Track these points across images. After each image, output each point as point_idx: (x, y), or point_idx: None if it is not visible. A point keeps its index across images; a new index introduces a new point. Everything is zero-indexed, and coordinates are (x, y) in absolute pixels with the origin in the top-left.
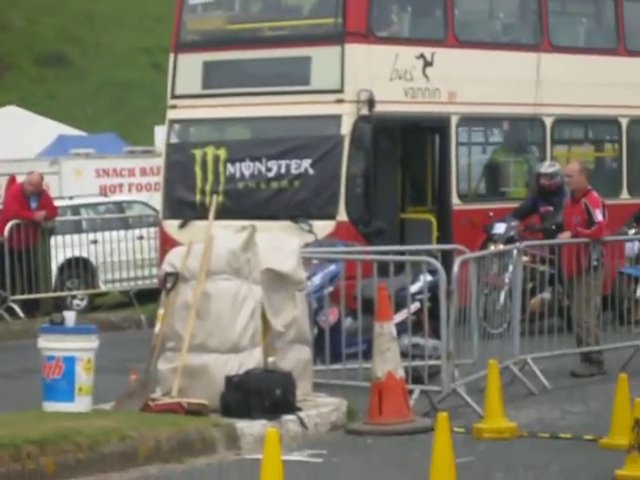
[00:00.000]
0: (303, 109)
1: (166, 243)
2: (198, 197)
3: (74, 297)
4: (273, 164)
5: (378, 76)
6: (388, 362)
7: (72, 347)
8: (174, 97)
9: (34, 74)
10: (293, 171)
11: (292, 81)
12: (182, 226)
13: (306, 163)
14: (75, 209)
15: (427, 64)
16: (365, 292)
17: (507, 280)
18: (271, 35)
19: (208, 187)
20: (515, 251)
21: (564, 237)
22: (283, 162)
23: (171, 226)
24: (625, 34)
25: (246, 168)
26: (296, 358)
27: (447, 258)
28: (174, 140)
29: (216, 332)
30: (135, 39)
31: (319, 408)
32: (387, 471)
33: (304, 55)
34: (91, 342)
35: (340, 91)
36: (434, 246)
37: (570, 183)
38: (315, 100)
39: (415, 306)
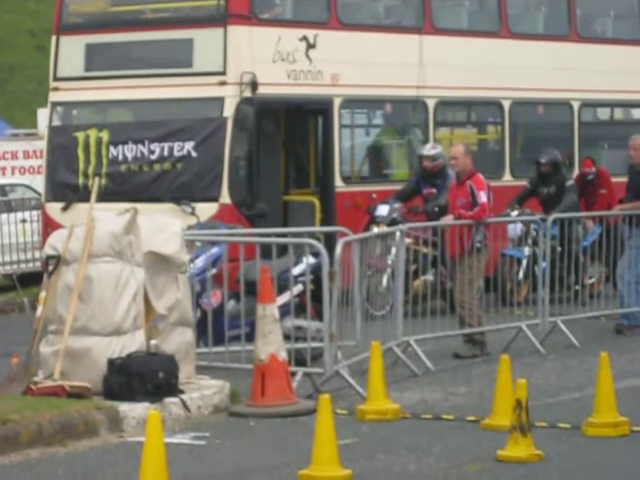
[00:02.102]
0: (186, 91)
1: (49, 226)
2: (81, 180)
3: None
4: (156, 146)
5: (261, 58)
6: (271, 344)
7: None
8: (56, 79)
9: None
10: (176, 154)
11: (175, 63)
12: (65, 209)
13: (189, 145)
14: None
15: (310, 46)
16: (248, 274)
17: (390, 262)
18: (153, 17)
19: (91, 170)
20: (398, 233)
21: (447, 220)
22: (166, 144)
23: (54, 209)
24: (507, 16)
25: (129, 151)
26: (179, 341)
27: (330, 240)
28: (56, 123)
29: (98, 315)
30: (18, 21)
31: (202, 391)
32: (270, 453)
33: (186, 37)
34: None
35: (223, 73)
36: (317, 228)
37: (455, 165)
38: (198, 82)
39: (298, 288)
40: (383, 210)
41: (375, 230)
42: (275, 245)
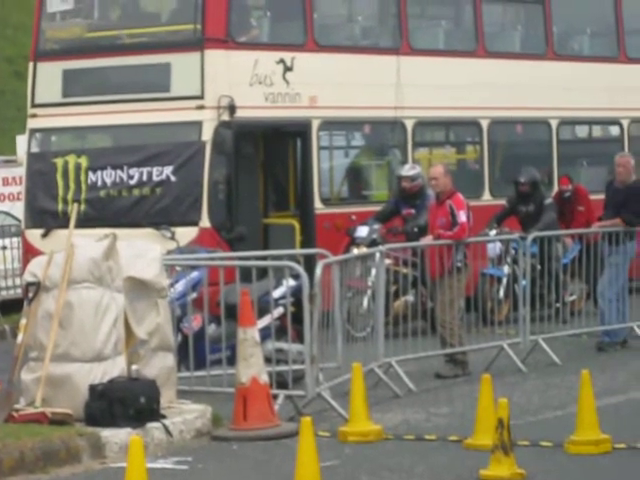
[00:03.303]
0: (164, 116)
1: (29, 253)
2: (60, 206)
3: None
4: (135, 171)
5: (238, 82)
6: (252, 367)
7: None
8: (34, 106)
9: None
10: (155, 178)
11: (152, 88)
12: (45, 235)
13: (168, 170)
14: None
15: (287, 69)
16: (228, 298)
17: (370, 283)
18: (130, 42)
19: (70, 196)
20: (378, 254)
21: (426, 240)
22: (145, 169)
23: (34, 235)
24: (484, 36)
25: (107, 176)
26: (160, 365)
27: (310, 262)
28: (35, 149)
29: (79, 341)
30: None
31: (184, 415)
32: (253, 477)
33: (163, 62)
34: None
35: (200, 97)
36: (296, 251)
37: (435, 186)
38: (175, 107)
39: (278, 311)
40: (363, 231)
41: (355, 251)
42: (255, 268)
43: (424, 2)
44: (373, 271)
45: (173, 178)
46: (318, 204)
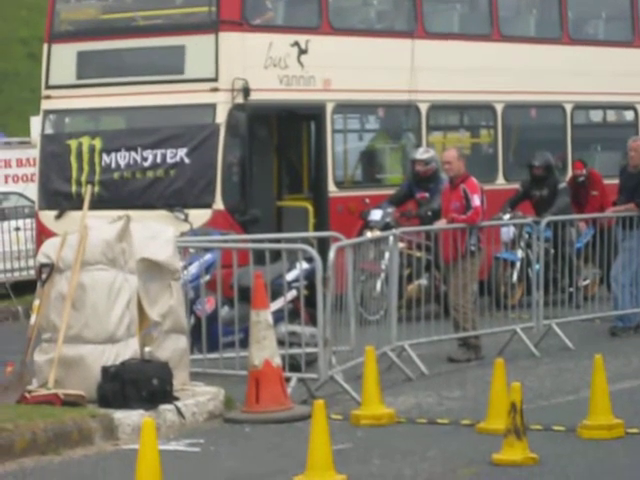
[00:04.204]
0: (178, 98)
1: (42, 234)
2: (74, 188)
3: None
4: (149, 153)
5: (253, 64)
6: (265, 350)
7: None
8: (48, 87)
9: None
10: (169, 160)
11: (167, 70)
12: (58, 217)
13: (182, 152)
14: None
15: (302, 52)
16: (242, 280)
17: (384, 267)
18: (145, 24)
19: (83, 177)
20: (391, 237)
21: (440, 224)
22: (159, 151)
23: (47, 217)
24: (499, 19)
25: (121, 158)
26: (173, 348)
27: (324, 245)
28: (49, 131)
29: (92, 323)
30: (10, 29)
31: (196, 397)
32: (265, 459)
33: (178, 44)
34: None
35: (215, 80)
36: (310, 233)
37: (449, 169)
38: (190, 89)
39: (292, 294)
40: (376, 215)
41: (368, 235)
42: (268, 251)
43: None
44: (387, 254)
45: (187, 160)
46: (332, 187)
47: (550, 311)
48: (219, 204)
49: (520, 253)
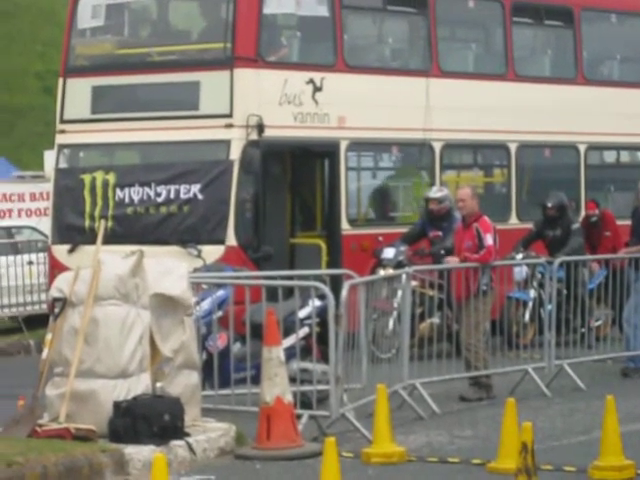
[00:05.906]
0: (192, 134)
1: (55, 268)
2: (87, 222)
3: None
4: (162, 189)
5: (267, 101)
6: (276, 387)
7: None
8: (63, 122)
9: None
10: (182, 196)
11: (181, 106)
12: (71, 251)
13: (195, 188)
14: None
15: (316, 89)
16: (254, 317)
17: (396, 305)
18: (160, 60)
19: (97, 212)
20: (404, 276)
21: (451, 261)
22: (172, 187)
23: (60, 251)
24: (514, 59)
25: (135, 193)
26: (184, 383)
27: (336, 283)
28: (63, 165)
29: (104, 357)
30: (26, 63)
31: (207, 433)
32: None
33: (193, 80)
34: None
35: (229, 116)
36: (323, 271)
37: (462, 208)
38: (204, 125)
39: (304, 331)
40: (389, 253)
41: (381, 273)
42: (281, 288)
43: (454, 25)
44: (399, 293)
45: (200, 196)
46: (345, 225)
47: (562, 351)
48: (232, 240)
49: (532, 293)
